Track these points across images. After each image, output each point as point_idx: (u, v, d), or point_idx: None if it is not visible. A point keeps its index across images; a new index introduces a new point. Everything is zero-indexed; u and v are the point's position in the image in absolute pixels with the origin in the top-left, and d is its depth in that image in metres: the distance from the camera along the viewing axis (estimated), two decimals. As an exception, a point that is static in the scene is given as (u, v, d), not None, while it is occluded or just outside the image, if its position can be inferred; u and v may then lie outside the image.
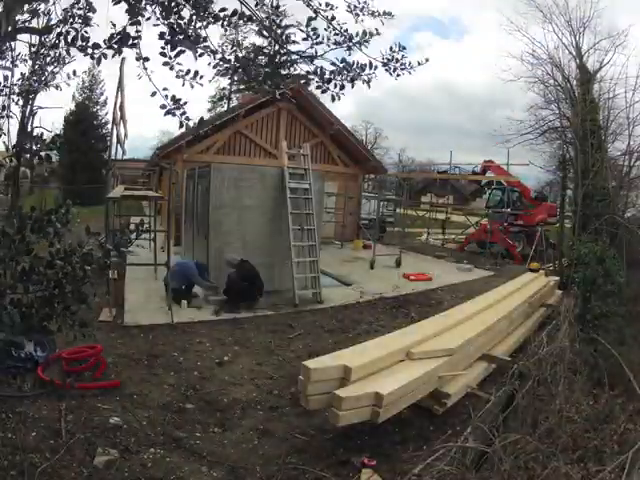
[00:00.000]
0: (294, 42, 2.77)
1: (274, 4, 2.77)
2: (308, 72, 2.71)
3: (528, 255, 13.90)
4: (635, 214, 10.17)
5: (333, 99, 2.73)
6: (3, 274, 1.85)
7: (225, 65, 2.57)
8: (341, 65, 2.66)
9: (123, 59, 6.87)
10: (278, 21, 2.81)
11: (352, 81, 2.70)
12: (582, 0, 13.86)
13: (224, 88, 38.25)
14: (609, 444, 3.48)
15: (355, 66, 2.67)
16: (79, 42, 2.37)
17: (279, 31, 2.77)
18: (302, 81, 2.92)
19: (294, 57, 2.73)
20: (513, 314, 5.99)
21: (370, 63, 2.68)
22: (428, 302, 7.97)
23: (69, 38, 2.41)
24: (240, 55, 2.82)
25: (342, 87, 2.71)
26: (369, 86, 2.71)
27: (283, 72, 2.73)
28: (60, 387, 3.79)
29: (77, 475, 2.85)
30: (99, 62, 2.30)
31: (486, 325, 5.15)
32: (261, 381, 4.54)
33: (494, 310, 5.94)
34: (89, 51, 2.32)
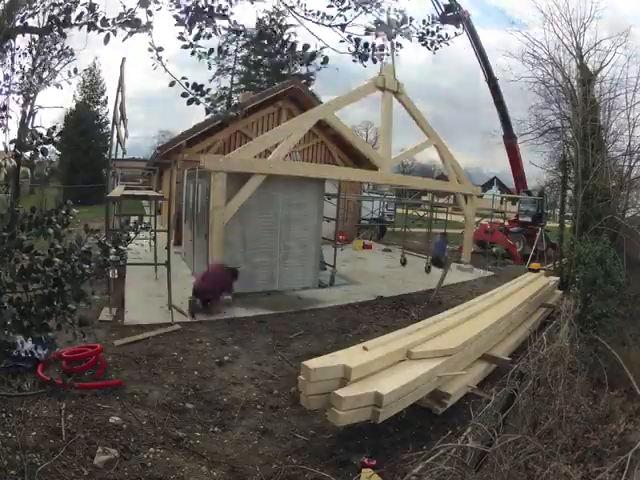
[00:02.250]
0: (295, 43, 2.73)
1: None
2: (341, 41, 2.63)
3: (528, 255, 13.92)
4: (635, 214, 10.15)
5: (375, 61, 2.66)
6: (3, 273, 1.85)
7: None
8: (376, 26, 2.60)
9: (124, 59, 6.89)
10: (279, 21, 2.78)
11: (390, 39, 2.61)
12: (582, 0, 13.88)
13: (225, 87, 38.36)
14: (609, 444, 3.48)
15: (391, 23, 2.59)
16: (73, 20, 2.30)
17: (279, 31, 2.74)
18: (303, 81, 2.89)
19: (295, 55, 2.69)
20: (513, 314, 5.99)
21: (404, 17, 2.56)
22: (428, 302, 7.97)
23: (61, 18, 2.34)
24: (264, 31, 2.76)
25: (382, 48, 2.61)
26: (410, 39, 2.64)
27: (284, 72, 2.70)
28: (60, 387, 3.79)
29: (77, 475, 2.85)
30: (107, 40, 2.21)
31: (486, 325, 5.15)
32: (261, 381, 4.54)
33: (494, 310, 5.94)
34: (97, 25, 2.21)
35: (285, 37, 30.91)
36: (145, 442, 3.31)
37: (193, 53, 2.33)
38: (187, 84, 2.28)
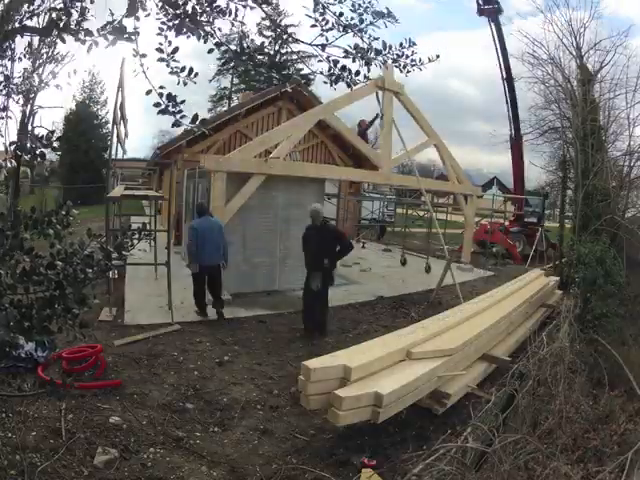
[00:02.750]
0: (296, 41, 2.75)
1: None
2: (320, 61, 2.65)
3: (528, 255, 13.93)
4: (635, 214, 10.16)
5: (349, 86, 2.70)
6: (4, 274, 1.85)
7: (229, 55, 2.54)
8: (354, 51, 2.63)
9: (124, 59, 6.89)
10: (279, 20, 2.79)
11: (367, 65, 2.66)
12: (582, 0, 13.87)
13: (225, 88, 38.35)
14: (609, 444, 3.48)
15: (369, 52, 2.63)
16: (72, 26, 2.32)
17: (279, 30, 2.76)
18: (303, 81, 2.91)
19: (295, 56, 2.71)
20: (513, 314, 5.99)
21: (384, 44, 2.63)
22: (428, 302, 7.97)
23: (61, 24, 2.36)
24: (246, 46, 2.79)
25: (357, 73, 2.65)
26: (387, 68, 2.67)
27: (284, 72, 2.71)
28: (60, 387, 3.79)
29: (77, 475, 2.85)
30: (89, 50, 2.23)
31: (486, 325, 5.15)
32: (261, 381, 4.54)
33: (494, 310, 5.94)
34: (80, 36, 2.25)
35: (285, 37, 30.93)
36: (145, 442, 3.31)
37: (168, 65, 2.33)
38: (161, 95, 2.29)
